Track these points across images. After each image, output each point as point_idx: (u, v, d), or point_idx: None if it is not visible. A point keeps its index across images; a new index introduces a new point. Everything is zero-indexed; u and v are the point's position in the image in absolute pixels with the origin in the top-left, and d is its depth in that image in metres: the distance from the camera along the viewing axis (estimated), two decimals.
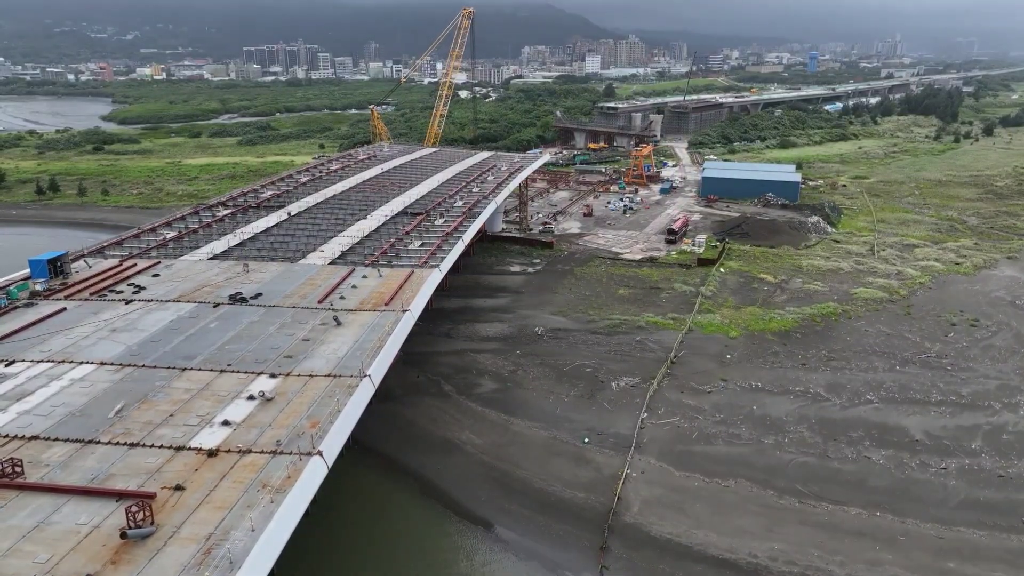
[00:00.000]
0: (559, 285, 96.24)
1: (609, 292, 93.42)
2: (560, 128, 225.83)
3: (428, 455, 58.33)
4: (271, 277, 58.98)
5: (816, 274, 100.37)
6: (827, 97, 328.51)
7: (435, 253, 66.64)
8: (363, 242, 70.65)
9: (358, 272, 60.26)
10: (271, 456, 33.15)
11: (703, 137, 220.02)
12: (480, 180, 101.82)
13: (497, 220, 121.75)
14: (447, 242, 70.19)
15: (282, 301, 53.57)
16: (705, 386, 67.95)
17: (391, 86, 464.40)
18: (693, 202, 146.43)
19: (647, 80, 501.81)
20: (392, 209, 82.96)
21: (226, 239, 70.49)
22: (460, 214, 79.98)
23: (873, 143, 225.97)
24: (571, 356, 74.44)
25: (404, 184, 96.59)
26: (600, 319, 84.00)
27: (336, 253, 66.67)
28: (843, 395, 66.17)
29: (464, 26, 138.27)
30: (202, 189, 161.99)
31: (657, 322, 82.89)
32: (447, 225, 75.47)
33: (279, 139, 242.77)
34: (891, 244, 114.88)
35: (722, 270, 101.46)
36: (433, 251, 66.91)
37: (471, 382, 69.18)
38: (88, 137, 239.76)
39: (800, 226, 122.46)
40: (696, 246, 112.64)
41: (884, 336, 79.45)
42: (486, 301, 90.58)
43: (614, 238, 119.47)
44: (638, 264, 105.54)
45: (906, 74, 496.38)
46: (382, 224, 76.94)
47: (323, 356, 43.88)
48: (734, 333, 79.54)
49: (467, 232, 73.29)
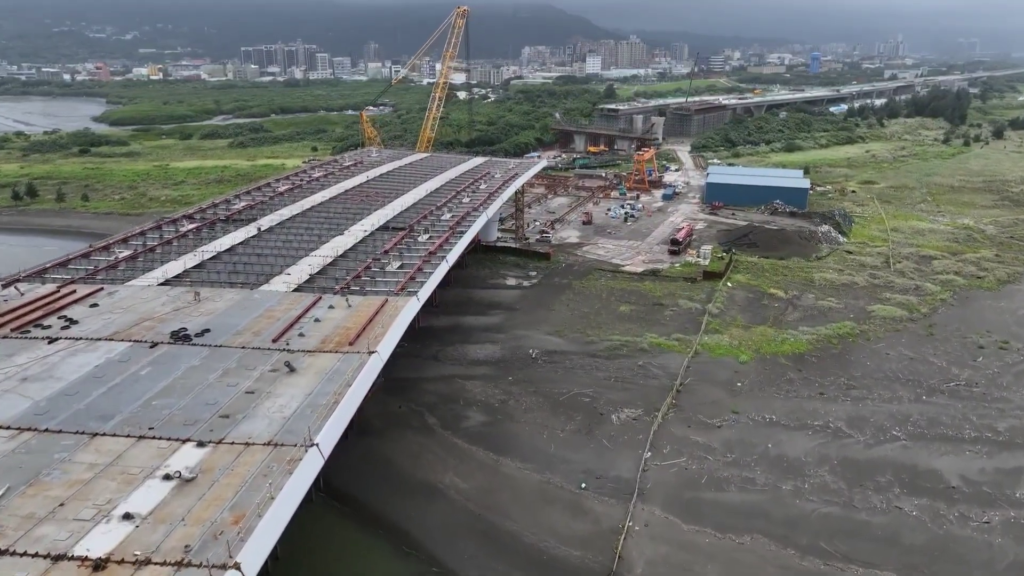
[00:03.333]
0: (556, 301, 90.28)
1: (609, 309, 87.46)
2: (559, 131, 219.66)
3: (408, 501, 52.32)
4: (225, 308, 51.93)
5: (829, 289, 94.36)
6: (831, 99, 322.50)
7: (415, 277, 60.00)
8: (336, 263, 63.86)
9: (325, 301, 53.31)
10: (174, 571, 25.93)
11: (706, 140, 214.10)
12: (472, 189, 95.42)
13: (492, 229, 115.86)
14: (429, 263, 63.58)
15: (231, 339, 46.64)
16: (714, 419, 61.96)
17: (390, 87, 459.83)
18: (697, 209, 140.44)
19: (648, 81, 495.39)
20: (373, 223, 76.28)
21: (184, 260, 63.53)
22: (446, 229, 73.23)
23: (881, 146, 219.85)
24: (567, 383, 68.47)
25: (389, 194, 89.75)
26: (599, 340, 78.03)
27: (303, 277, 59.83)
28: (866, 430, 60.15)
29: (458, 25, 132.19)
30: (187, 194, 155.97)
31: (661, 344, 76.89)
32: (431, 242, 68.59)
33: (271, 141, 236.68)
34: (907, 255, 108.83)
35: (729, 284, 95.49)
36: (412, 274, 60.21)
37: (458, 414, 63.20)
38: (75, 139, 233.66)
39: (810, 236, 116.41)
40: (701, 257, 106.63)
41: (907, 360, 73.42)
42: (478, 319, 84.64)
43: (614, 248, 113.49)
44: (640, 277, 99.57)
45: (909, 75, 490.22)
46: (360, 241, 70.22)
47: (266, 415, 36.87)
48: (744, 357, 73.50)
49: (452, 251, 66.61)
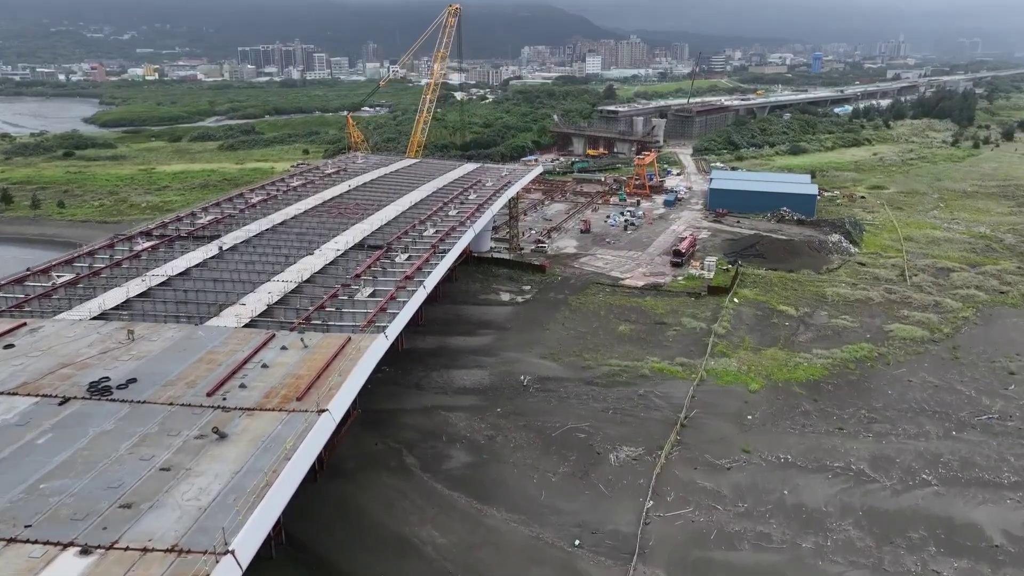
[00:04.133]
0: (551, 319, 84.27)
1: (608, 328, 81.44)
2: (557, 133, 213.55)
3: (379, 558, 46.36)
4: (161, 349, 44.68)
5: (843, 306, 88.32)
6: (836, 99, 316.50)
7: (386, 308, 53.38)
8: (301, 289, 57.37)
9: (278, 340, 46.41)
10: None
11: (708, 143, 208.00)
12: (460, 200, 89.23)
13: (484, 239, 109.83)
14: (405, 290, 57.07)
15: (158, 392, 39.30)
16: (723, 460, 55.94)
17: (389, 87, 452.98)
18: (700, 216, 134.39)
19: (649, 81, 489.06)
20: (348, 240, 69.84)
21: (128, 287, 56.61)
22: (428, 248, 66.85)
23: (888, 148, 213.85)
24: (561, 415, 62.48)
25: (370, 206, 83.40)
26: (596, 365, 72.00)
27: (260, 308, 53.12)
28: (893, 473, 54.13)
29: (450, 24, 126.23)
30: (169, 200, 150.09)
31: (663, 369, 70.87)
32: (410, 264, 62.26)
33: (262, 144, 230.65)
34: (923, 268, 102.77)
35: (736, 300, 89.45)
36: (384, 304, 53.62)
37: (439, 453, 57.18)
38: (61, 141, 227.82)
39: (820, 246, 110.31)
40: (705, 270, 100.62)
41: (931, 389, 67.38)
42: (466, 340, 78.58)
43: (614, 259, 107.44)
44: (640, 292, 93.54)
45: (913, 75, 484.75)
46: (331, 262, 63.65)
47: (178, 505, 29.25)
48: (755, 385, 67.46)
49: (431, 276, 60.29)
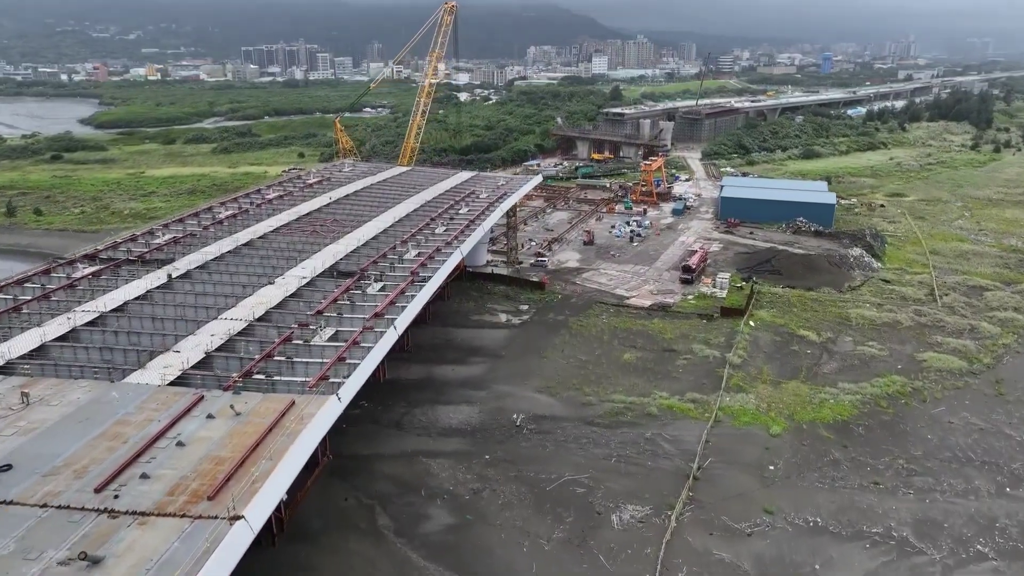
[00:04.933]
0: (549, 345, 77.01)
1: (611, 356, 74.13)
2: (561, 136, 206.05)
3: None
4: (58, 418, 36.00)
5: (869, 330, 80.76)
6: (848, 101, 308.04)
7: (345, 357, 44.32)
8: (251, 330, 48.94)
9: (207, 404, 37.52)
10: None
11: (718, 146, 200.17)
12: (449, 214, 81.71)
13: (480, 252, 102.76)
14: (372, 332, 48.28)
15: (35, 487, 30.88)
16: (743, 523, 48.59)
17: (391, 87, 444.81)
18: (711, 226, 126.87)
19: (656, 81, 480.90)
20: (317, 265, 62.04)
21: (46, 329, 47.18)
22: (407, 275, 59.11)
23: (905, 153, 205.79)
24: (558, 464, 55.25)
25: (349, 222, 75.77)
26: (598, 401, 64.74)
27: (195, 357, 43.87)
28: (942, 542, 46.69)
29: (446, 22, 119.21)
30: (154, 207, 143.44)
31: (673, 406, 63.54)
32: (383, 295, 54.57)
33: (257, 147, 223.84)
34: (954, 286, 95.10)
35: (752, 324, 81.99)
36: (343, 353, 44.51)
37: (417, 512, 49.97)
38: (52, 144, 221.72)
39: (841, 261, 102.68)
40: (718, 288, 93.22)
41: (977, 433, 59.86)
42: (455, 370, 71.39)
43: (618, 275, 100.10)
44: (647, 313, 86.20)
45: (925, 75, 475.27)
46: (293, 293, 55.79)
47: None
48: (776, 427, 60.07)
49: (404, 313, 51.86)
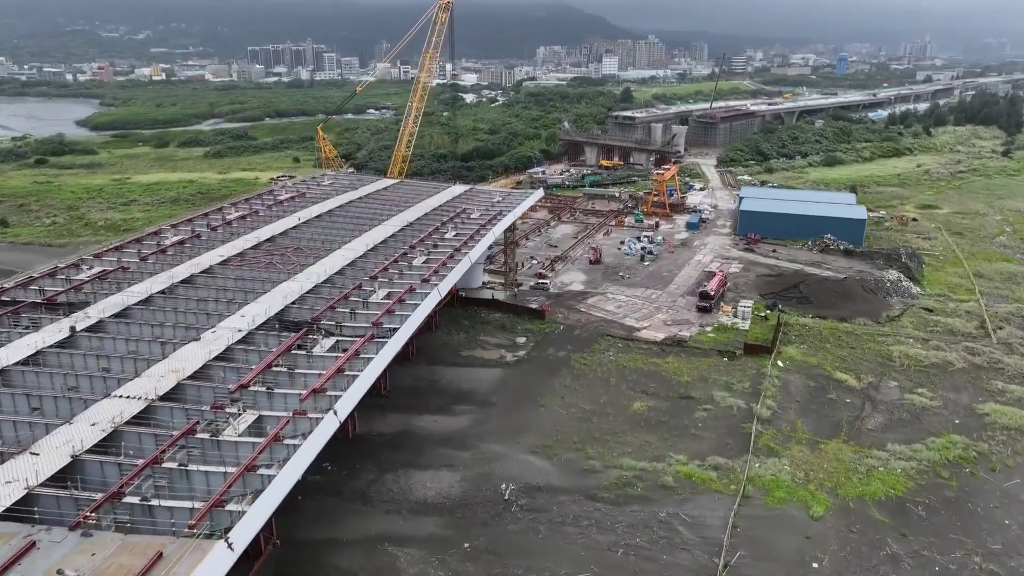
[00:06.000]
0: (547, 390, 67.01)
1: (619, 405, 64.08)
2: (567, 142, 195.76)
3: None
4: None
5: (916, 373, 70.30)
6: (868, 103, 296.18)
7: (255, 467, 32.21)
8: (148, 414, 37.29)
9: (41, 553, 26.29)
10: None
11: (734, 153, 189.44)
12: (433, 240, 71.06)
13: (476, 274, 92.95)
14: (306, 417, 36.69)
15: None
16: None
17: (398, 88, 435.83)
18: (729, 242, 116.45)
19: (667, 82, 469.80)
20: (260, 313, 51.00)
21: None
22: (368, 327, 48.18)
23: (932, 159, 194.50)
24: (552, 556, 45.28)
25: (314, 251, 64.98)
26: (603, 467, 54.68)
27: (50, 469, 31.61)
28: None
29: (441, 19, 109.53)
30: (131, 218, 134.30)
31: (692, 475, 53.42)
32: (332, 359, 43.21)
33: (251, 151, 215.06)
34: (1007, 316, 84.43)
35: (780, 364, 71.69)
36: (252, 462, 32.11)
37: None
38: (40, 147, 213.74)
39: (877, 286, 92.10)
40: (739, 318, 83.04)
41: None
42: (436, 423, 61.49)
43: (628, 301, 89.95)
44: (660, 349, 76.02)
45: (945, 77, 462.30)
46: (219, 355, 44.18)
47: None
48: (818, 507, 49.78)
49: (350, 392, 39.86)
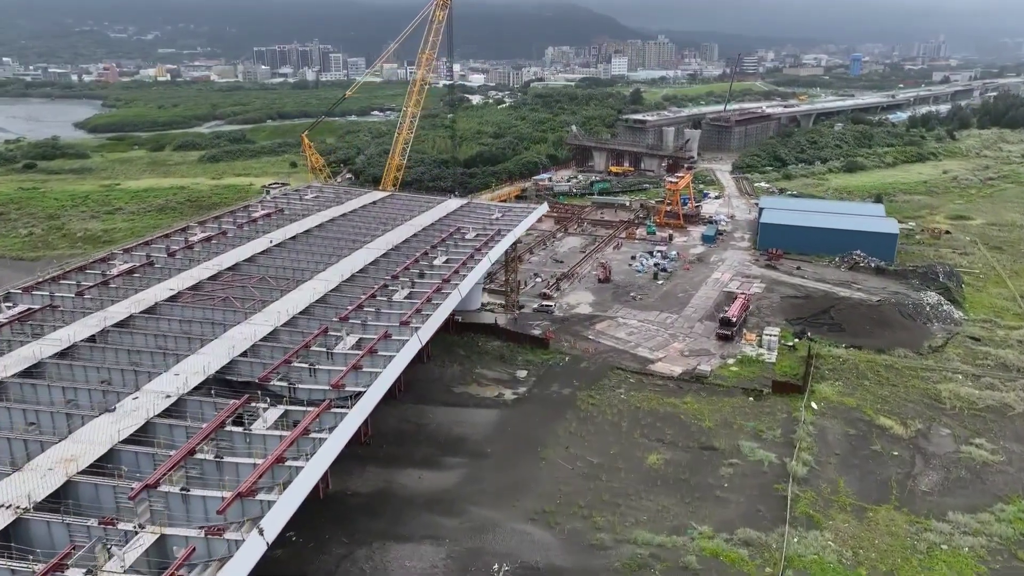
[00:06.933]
0: (550, 437, 58.95)
1: (632, 458, 55.93)
2: (575, 146, 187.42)
3: None
4: None
5: (970, 417, 61.85)
6: (887, 105, 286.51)
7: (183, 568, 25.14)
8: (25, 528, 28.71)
9: None
10: None
11: (750, 158, 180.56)
12: (419, 268, 62.59)
13: (475, 295, 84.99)
14: (242, 514, 29.32)
15: None
16: None
17: (404, 89, 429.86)
18: (748, 258, 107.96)
19: (678, 83, 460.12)
20: (198, 370, 42.53)
21: None
22: (327, 389, 39.79)
23: (959, 165, 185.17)
24: None
25: (280, 283, 56.08)
26: (614, 540, 46.56)
27: None
28: None
29: (438, 18, 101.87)
30: (114, 228, 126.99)
31: (719, 553, 45.27)
32: (277, 437, 34.72)
33: (248, 155, 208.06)
34: None
35: (815, 407, 63.39)
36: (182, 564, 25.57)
37: None
38: (32, 150, 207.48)
39: (916, 311, 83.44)
40: (765, 348, 74.74)
41: None
42: (421, 479, 53.52)
43: (640, 327, 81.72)
44: (678, 386, 67.85)
45: (963, 78, 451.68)
46: (139, 428, 35.96)
47: None
48: None
49: (303, 476, 31.69)
